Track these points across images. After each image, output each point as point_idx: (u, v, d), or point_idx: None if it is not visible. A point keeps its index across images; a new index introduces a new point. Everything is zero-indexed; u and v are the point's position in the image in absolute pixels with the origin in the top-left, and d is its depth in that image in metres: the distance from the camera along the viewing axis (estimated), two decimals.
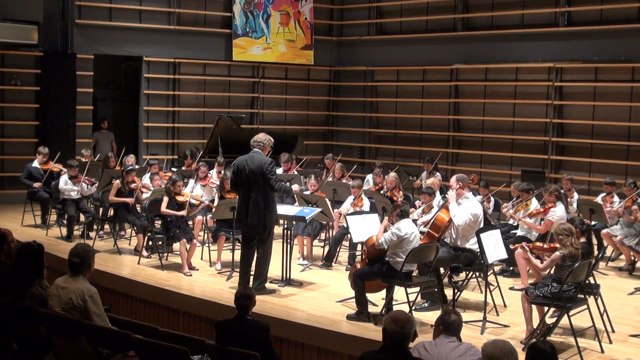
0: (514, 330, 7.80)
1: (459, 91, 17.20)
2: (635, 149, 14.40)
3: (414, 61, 17.76)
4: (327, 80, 19.59)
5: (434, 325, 5.34)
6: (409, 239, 7.95)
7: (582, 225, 8.24)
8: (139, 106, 17.30)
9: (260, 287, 8.82)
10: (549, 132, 15.51)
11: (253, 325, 6.32)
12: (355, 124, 19.06)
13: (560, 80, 15.44)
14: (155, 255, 10.53)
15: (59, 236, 11.91)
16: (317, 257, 10.88)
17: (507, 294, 8.96)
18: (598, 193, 12.06)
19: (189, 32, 17.27)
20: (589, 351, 7.28)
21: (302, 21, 18.56)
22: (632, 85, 14.43)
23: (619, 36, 14.52)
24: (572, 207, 11.48)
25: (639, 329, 7.97)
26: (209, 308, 8.56)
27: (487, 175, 15.69)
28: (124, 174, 11.16)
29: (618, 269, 10.83)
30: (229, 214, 9.79)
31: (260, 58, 18.17)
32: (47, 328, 6.08)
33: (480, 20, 16.92)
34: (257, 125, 18.01)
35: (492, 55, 16.31)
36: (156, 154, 16.78)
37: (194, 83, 17.71)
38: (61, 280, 6.17)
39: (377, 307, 8.35)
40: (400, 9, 18.31)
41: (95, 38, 16.13)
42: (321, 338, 7.68)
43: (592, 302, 7.76)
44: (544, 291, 7.40)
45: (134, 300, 9.45)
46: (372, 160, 17.79)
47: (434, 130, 17.56)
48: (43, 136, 15.45)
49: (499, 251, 8.11)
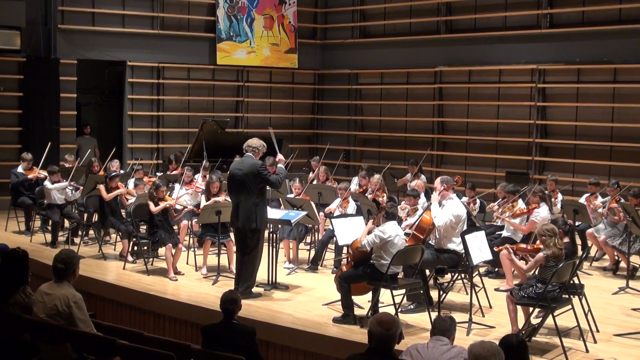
0: (500, 331, 7.82)
1: (443, 93, 17.26)
2: (617, 149, 14.51)
3: (398, 64, 17.81)
4: (311, 83, 19.61)
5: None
6: (393, 241, 7.97)
7: (565, 225, 8.30)
8: (123, 111, 17.26)
9: (247, 291, 8.81)
10: (532, 134, 15.59)
11: (239, 329, 6.31)
12: (340, 126, 19.09)
13: (543, 82, 15.53)
14: (141, 260, 10.49)
15: (43, 242, 11.85)
16: (303, 261, 10.88)
17: (493, 295, 8.99)
18: (582, 193, 12.13)
19: (173, 37, 17.25)
20: (574, 351, 7.31)
21: (286, 25, 18.57)
22: (614, 86, 14.54)
23: (600, 38, 14.63)
24: (556, 207, 11.55)
25: (623, 328, 8.01)
26: (195, 313, 8.54)
27: (472, 176, 15.76)
28: (107, 180, 11.12)
29: (602, 268, 10.90)
30: (214, 218, 9.78)
31: (244, 62, 18.17)
32: (31, 334, 6.05)
33: (463, 23, 16.99)
34: (241, 129, 18.02)
35: (476, 58, 16.40)
36: (141, 158, 16.73)
37: (178, 87, 17.69)
38: (46, 286, 6.14)
39: (363, 310, 8.35)
40: (383, 12, 18.36)
41: (79, 43, 16.08)
42: (307, 341, 7.68)
43: (577, 302, 7.80)
44: (529, 292, 7.44)
45: (119, 306, 9.41)
46: (357, 163, 17.82)
47: (418, 133, 17.61)
48: (26, 142, 15.37)
49: (483, 252, 8.14)
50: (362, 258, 8.20)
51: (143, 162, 15.69)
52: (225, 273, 9.94)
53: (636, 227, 9.59)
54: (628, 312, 8.72)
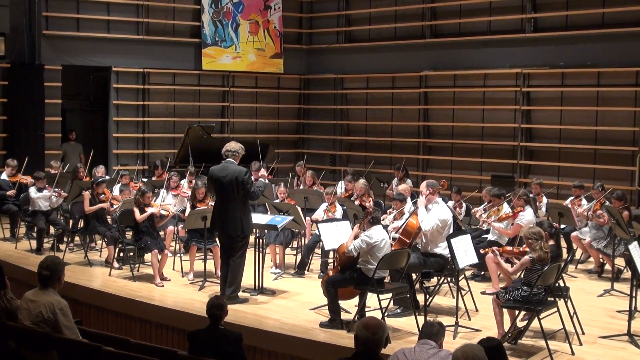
0: (486, 334, 7.80)
1: (428, 98, 17.31)
2: (602, 152, 14.60)
3: (383, 68, 17.86)
4: (297, 88, 19.63)
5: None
6: (379, 245, 7.98)
7: (551, 228, 8.33)
8: (109, 117, 17.21)
9: (233, 296, 8.80)
10: (517, 137, 15.66)
11: (225, 335, 6.30)
12: (326, 131, 19.11)
13: (527, 86, 15.61)
14: (127, 266, 10.45)
15: (28, 249, 11.79)
16: (290, 266, 10.88)
17: (479, 299, 9.02)
18: (567, 197, 12.21)
19: (158, 42, 17.23)
20: (560, 353, 7.35)
21: (271, 30, 18.58)
22: (598, 89, 14.64)
23: (584, 42, 14.72)
24: (542, 211, 11.60)
25: (609, 330, 8.06)
26: (182, 318, 8.52)
27: (457, 180, 15.82)
28: (93, 185, 11.08)
29: (587, 271, 10.96)
30: (200, 223, 9.77)
31: (230, 67, 18.16)
32: (16, 342, 6.01)
33: (448, 28, 17.06)
34: (227, 134, 17.98)
35: (461, 62, 16.46)
36: (126, 164, 16.68)
37: (164, 93, 17.65)
38: (31, 293, 6.10)
39: (350, 314, 8.37)
40: (369, 16, 18.40)
41: (63, 49, 16.02)
42: (294, 346, 7.68)
43: (562, 305, 7.84)
44: (515, 295, 7.47)
45: (105, 312, 9.37)
46: (343, 167, 17.84)
47: (404, 137, 17.65)
48: (11, 148, 15.29)
49: (469, 256, 8.17)
50: (348, 262, 8.21)
51: (129, 167, 15.65)
52: (211, 279, 9.92)
53: (620, 229, 9.65)
54: (613, 314, 8.78)
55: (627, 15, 14.26)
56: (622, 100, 14.42)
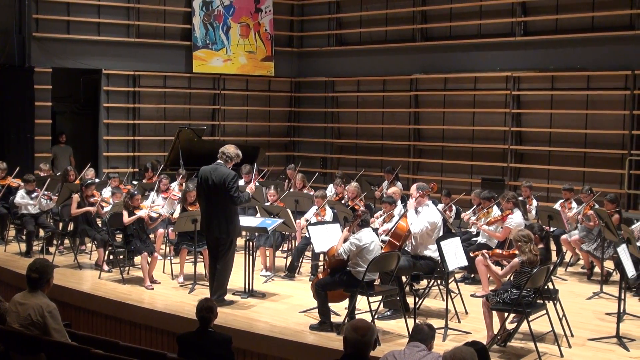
0: (476, 336, 7.83)
1: (419, 101, 17.35)
2: (591, 155, 14.66)
3: (374, 71, 17.89)
4: (288, 91, 19.64)
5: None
6: (368, 248, 7.99)
7: (541, 231, 8.36)
8: (99, 119, 17.16)
9: (219, 299, 8.78)
10: (507, 140, 15.71)
11: (215, 338, 6.30)
12: (317, 134, 19.13)
13: (517, 89, 15.67)
14: (116, 269, 10.43)
15: (17, 252, 11.73)
16: (280, 268, 10.87)
17: (469, 301, 9.04)
18: (556, 200, 12.24)
19: (149, 45, 17.20)
20: (549, 355, 7.37)
21: (262, 33, 18.58)
22: (588, 93, 14.71)
23: (574, 45, 14.79)
24: (531, 214, 11.64)
25: (598, 332, 8.09)
26: (171, 321, 8.50)
27: (448, 183, 15.84)
28: (83, 188, 11.05)
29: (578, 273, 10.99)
30: (190, 226, 9.75)
31: (220, 70, 18.15)
32: (5, 345, 5.99)
33: (438, 31, 17.10)
34: (218, 137, 17.98)
35: (451, 65, 16.51)
36: (116, 167, 16.66)
37: (154, 95, 17.63)
38: (19, 296, 6.08)
39: (340, 317, 8.37)
40: (359, 20, 18.43)
41: (53, 51, 15.99)
42: (284, 349, 7.68)
43: (551, 307, 7.87)
44: (504, 297, 7.49)
45: (95, 315, 9.35)
46: (334, 170, 17.86)
47: (394, 140, 17.69)
48: (0, 151, 15.22)
49: (459, 259, 8.19)
50: (338, 265, 8.21)
51: (119, 170, 15.63)
52: (201, 281, 9.90)
53: (609, 232, 9.69)
54: (602, 316, 8.81)
55: (617, 19, 14.35)
56: (611, 103, 14.48)
